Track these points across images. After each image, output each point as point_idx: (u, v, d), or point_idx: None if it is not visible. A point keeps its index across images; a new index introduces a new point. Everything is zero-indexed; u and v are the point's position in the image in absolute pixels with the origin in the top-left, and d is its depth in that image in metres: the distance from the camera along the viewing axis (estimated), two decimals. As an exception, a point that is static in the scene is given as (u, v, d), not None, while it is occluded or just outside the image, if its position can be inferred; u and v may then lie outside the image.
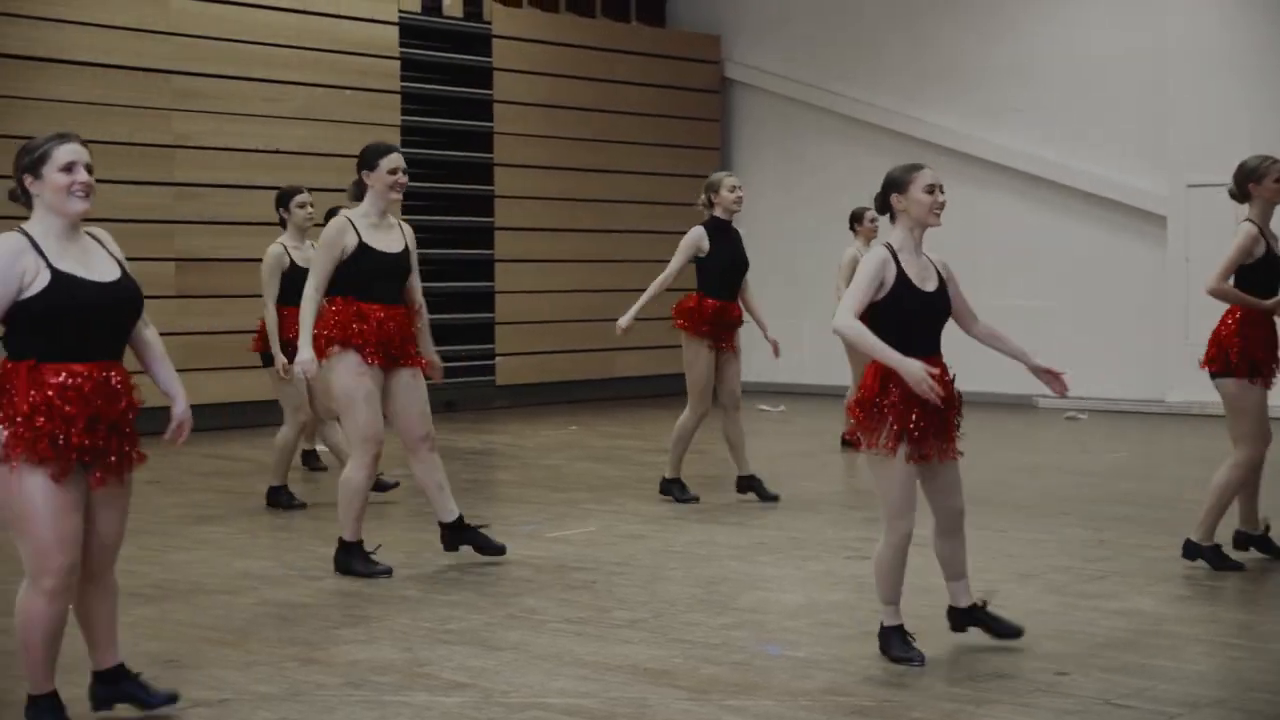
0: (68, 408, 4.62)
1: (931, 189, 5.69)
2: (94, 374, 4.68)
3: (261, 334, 9.44)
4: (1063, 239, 15.97)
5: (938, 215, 5.71)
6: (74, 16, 13.09)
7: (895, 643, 5.76)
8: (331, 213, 9.96)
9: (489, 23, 16.30)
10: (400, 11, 15.42)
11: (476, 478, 10.98)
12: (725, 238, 9.48)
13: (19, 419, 4.60)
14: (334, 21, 14.85)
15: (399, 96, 15.39)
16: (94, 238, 4.85)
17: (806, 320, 16.12)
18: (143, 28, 13.51)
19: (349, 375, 7.16)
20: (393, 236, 7.30)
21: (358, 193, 7.34)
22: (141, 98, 13.48)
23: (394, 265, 7.27)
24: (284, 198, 9.45)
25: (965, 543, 5.91)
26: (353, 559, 7.38)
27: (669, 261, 9.69)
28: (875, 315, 5.59)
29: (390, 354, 7.19)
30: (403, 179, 7.26)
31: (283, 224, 9.46)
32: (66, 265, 4.68)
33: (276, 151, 14.25)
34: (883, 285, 5.58)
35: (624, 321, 9.63)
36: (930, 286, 5.68)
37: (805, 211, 17.65)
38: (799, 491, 9.93)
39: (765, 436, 13.01)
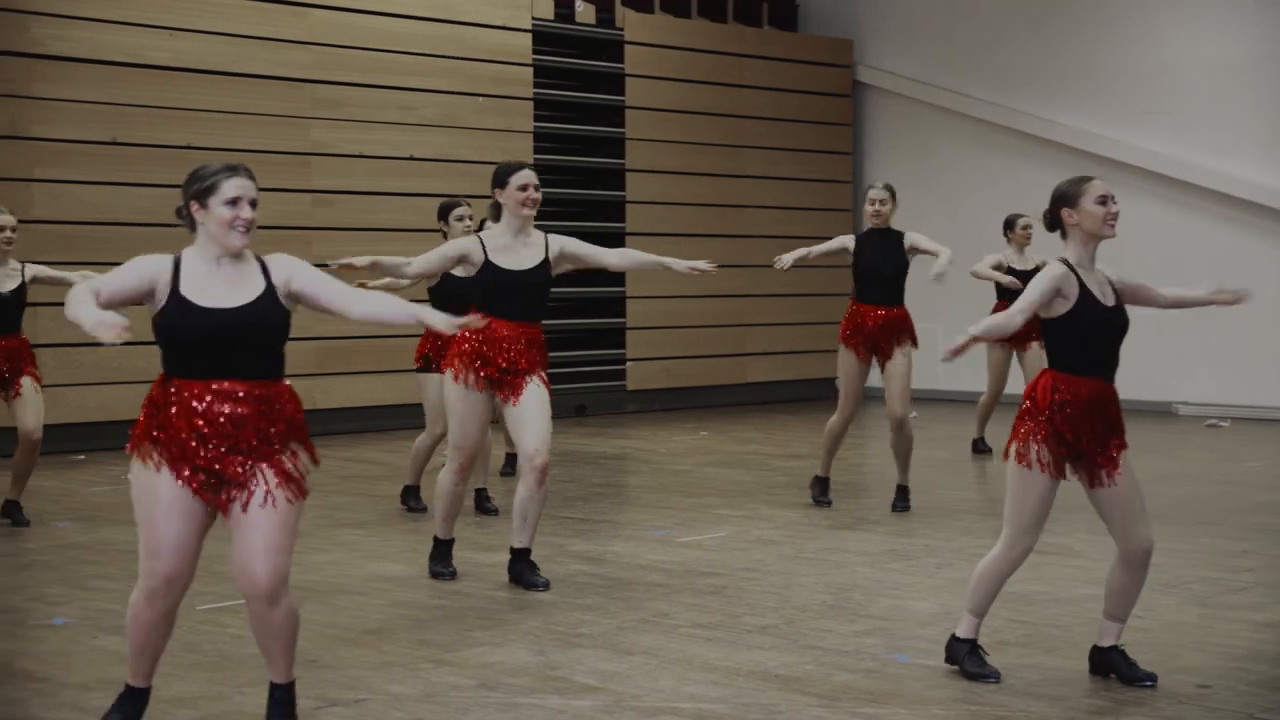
0: (187, 422, 4.68)
1: (1104, 199, 5.53)
2: (207, 390, 4.68)
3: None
4: (1202, 242, 15.66)
5: (1112, 226, 5.54)
6: (215, 27, 13.35)
7: (969, 658, 5.62)
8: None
9: (621, 29, 16.36)
10: (533, 19, 15.54)
11: (609, 481, 11.02)
12: (873, 244, 9.51)
13: (152, 423, 4.74)
14: (468, 29, 14.99)
15: (531, 103, 15.50)
16: (262, 263, 4.86)
17: (940, 324, 15.95)
18: (282, 38, 13.75)
19: (457, 386, 7.20)
20: (528, 254, 7.24)
21: (496, 213, 7.35)
22: (280, 106, 13.72)
23: (521, 282, 7.21)
24: (444, 210, 9.47)
25: (1143, 583, 5.57)
26: (433, 556, 7.59)
27: (801, 267, 9.79)
28: (1054, 332, 5.47)
29: (506, 373, 7.15)
30: (533, 195, 7.21)
31: (444, 236, 9.49)
32: (192, 290, 4.71)
33: (411, 159, 14.42)
34: (1064, 300, 5.44)
35: (787, 258, 9.61)
36: (1109, 302, 5.52)
37: (937, 215, 17.43)
38: (932, 498, 9.83)
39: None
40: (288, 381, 4.84)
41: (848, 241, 9.60)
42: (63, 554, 8.22)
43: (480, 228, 9.35)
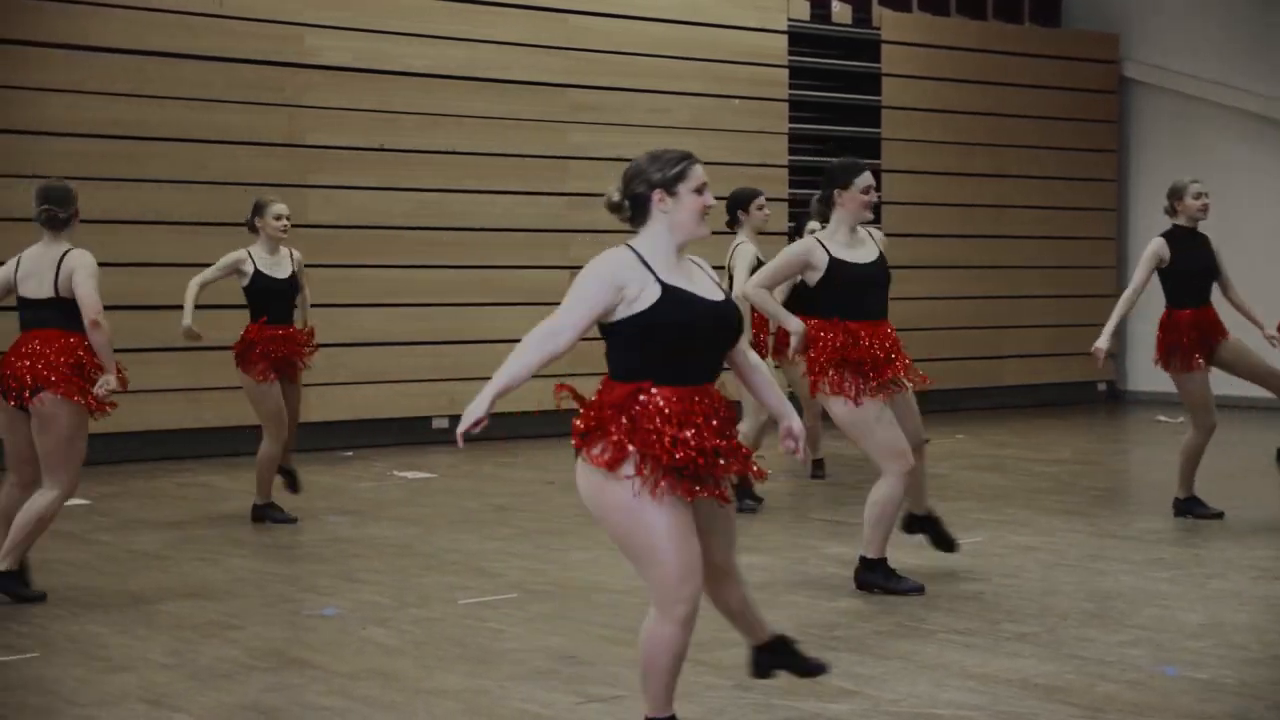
0: (676, 432, 4.37)
1: None
2: (694, 396, 4.44)
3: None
4: None
5: None
6: (477, 35, 13.68)
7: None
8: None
9: (878, 28, 16.23)
10: (789, 20, 15.53)
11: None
12: (1189, 245, 8.99)
13: (634, 446, 4.36)
14: (723, 32, 15.06)
15: (786, 105, 15.49)
16: (694, 262, 4.66)
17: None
18: (541, 43, 14.01)
19: (843, 402, 6.97)
20: (866, 249, 7.13)
21: (824, 211, 7.23)
22: (538, 111, 13.98)
23: (871, 278, 7.10)
24: (743, 200, 9.45)
25: None
26: (876, 575, 7.16)
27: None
28: None
29: (883, 371, 7.02)
30: (874, 197, 7.10)
31: (731, 228, 9.52)
32: (675, 280, 4.47)
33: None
34: None
35: (1101, 343, 8.79)
36: None
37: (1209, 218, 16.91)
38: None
39: (1164, 447, 12.50)
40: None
41: (1160, 249, 8.92)
42: (333, 548, 8.52)
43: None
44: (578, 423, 4.46)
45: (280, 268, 9.18)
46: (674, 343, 4.41)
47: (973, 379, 16.80)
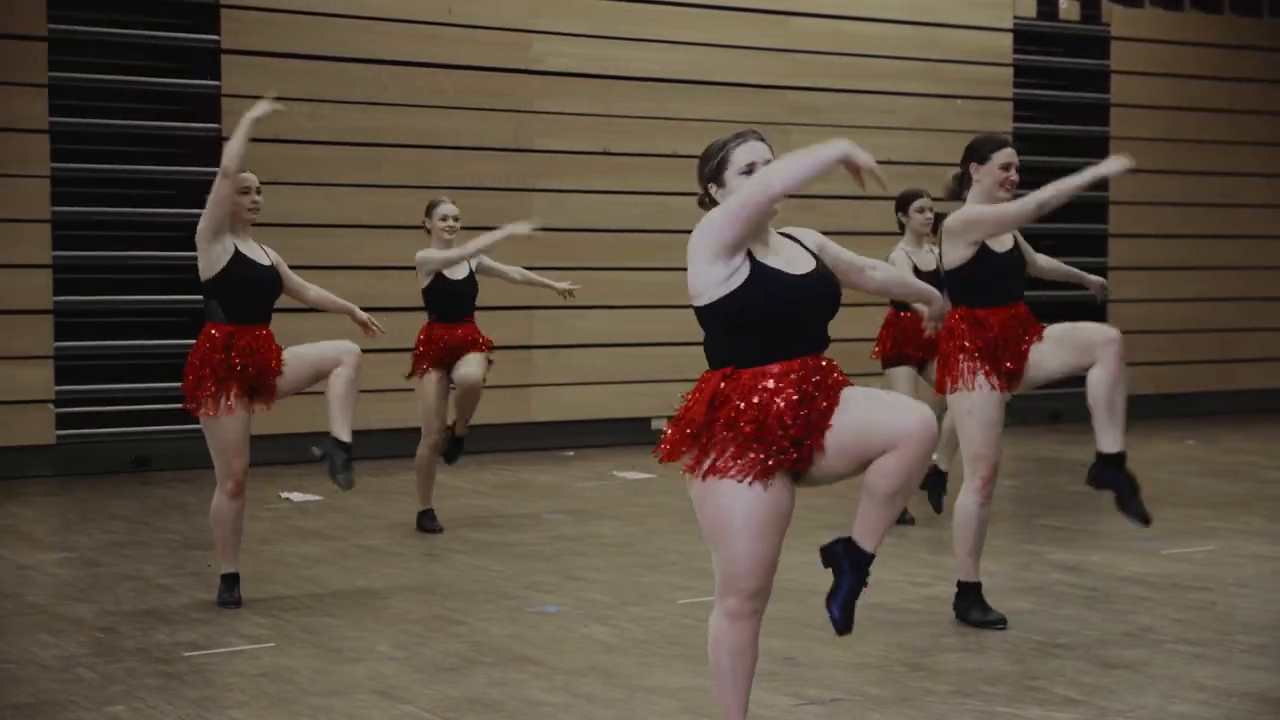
0: (775, 408, 4.30)
1: None
2: (799, 369, 4.34)
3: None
4: None
5: None
6: (700, 38, 13.75)
7: None
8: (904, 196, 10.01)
9: (1107, 24, 15.88)
10: (1015, 18, 15.28)
11: (1088, 489, 10.70)
12: None
13: (721, 426, 4.33)
14: (947, 31, 14.89)
15: (1010, 104, 15.25)
16: (790, 236, 4.64)
17: None
18: (762, 46, 14.03)
19: (967, 392, 6.64)
20: (1005, 235, 6.82)
21: (958, 189, 6.82)
22: (759, 113, 13.99)
23: (1009, 265, 6.80)
24: (904, 201, 9.47)
25: None
26: (970, 605, 6.73)
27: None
28: None
29: (1004, 363, 6.67)
30: (1013, 176, 6.75)
31: (901, 229, 9.51)
32: (765, 258, 4.44)
33: (888, 162, 14.43)
34: None
35: None
36: None
37: None
38: None
39: None
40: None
41: None
42: (554, 546, 8.66)
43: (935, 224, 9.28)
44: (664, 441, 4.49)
45: (457, 269, 9.18)
46: (766, 320, 4.34)
47: (1205, 383, 16.31)
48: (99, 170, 11.95)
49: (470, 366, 9.02)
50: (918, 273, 9.15)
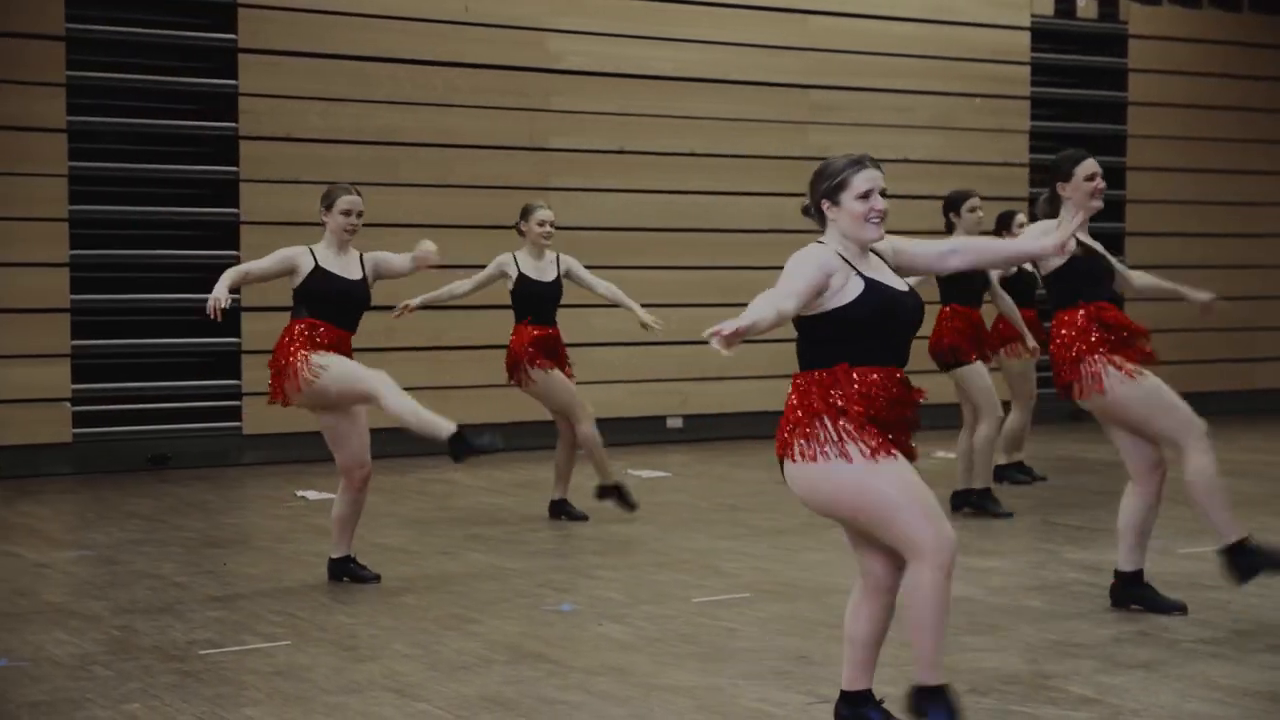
0: (877, 402, 4.63)
1: None
2: (891, 378, 4.68)
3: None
4: None
5: None
6: (717, 37, 13.76)
7: None
8: (1004, 216, 10.22)
9: (1125, 23, 15.85)
10: (1033, 16, 15.26)
11: (1105, 489, 10.68)
12: None
13: (841, 420, 4.60)
14: (965, 30, 14.88)
15: (1028, 102, 15.23)
16: (877, 254, 4.85)
17: None
18: (781, 44, 14.03)
19: (1123, 381, 6.81)
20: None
21: (1051, 210, 6.91)
22: (778, 112, 13.99)
23: (1106, 269, 6.91)
24: (955, 202, 9.45)
25: None
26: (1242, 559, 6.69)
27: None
28: None
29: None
30: (1100, 184, 6.80)
31: (949, 229, 9.47)
32: (872, 274, 4.73)
33: (906, 161, 14.42)
34: None
35: None
36: None
37: None
38: None
39: None
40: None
41: None
42: (569, 544, 8.67)
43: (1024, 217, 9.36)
44: (783, 434, 4.71)
45: (544, 272, 9.30)
46: (876, 332, 4.66)
47: (1221, 382, 16.27)
48: (116, 169, 12.00)
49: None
50: (961, 274, 9.25)
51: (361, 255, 7.77)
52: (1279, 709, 5.26)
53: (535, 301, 9.24)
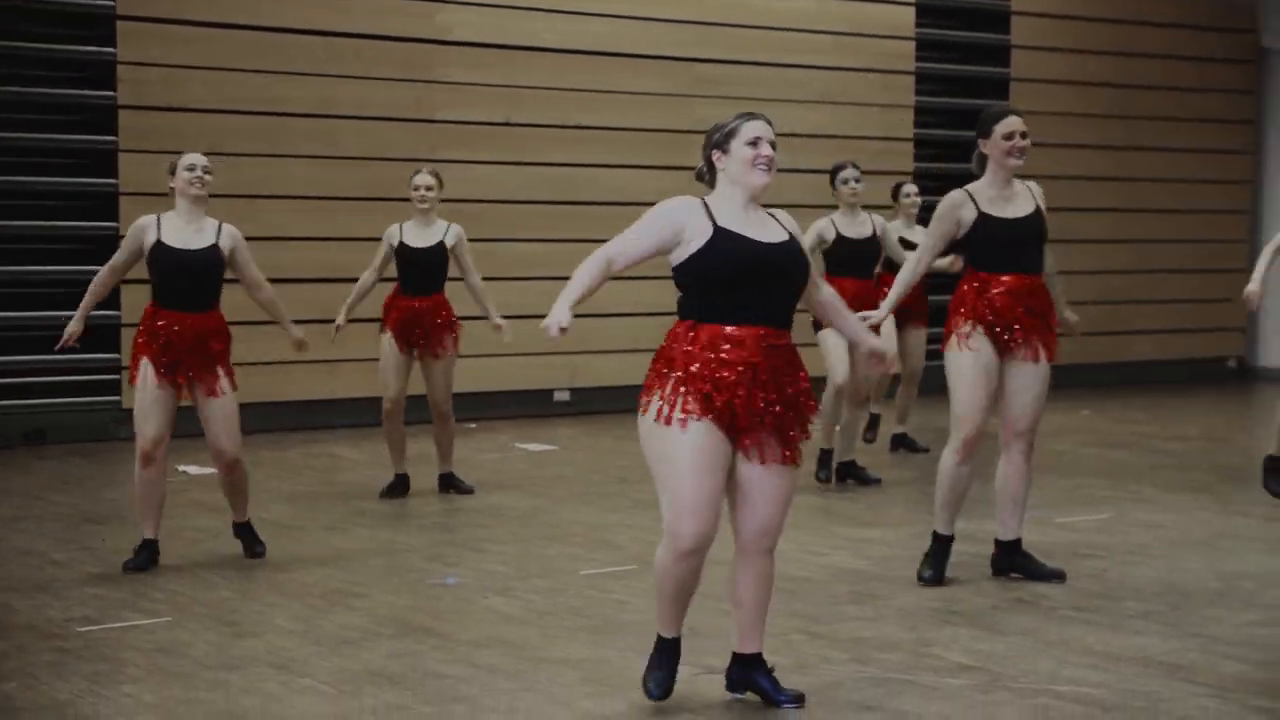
0: (722, 371, 4.68)
1: None
2: (753, 335, 4.71)
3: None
4: None
5: None
6: (606, 10, 13.71)
7: None
8: (895, 187, 10.27)
9: (1007, 0, 16.03)
10: (917, -9, 15.40)
11: (984, 460, 10.85)
12: None
13: (676, 374, 4.70)
14: (851, 5, 14.96)
15: (913, 78, 15.36)
16: (772, 216, 4.94)
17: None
18: (669, 18, 14.02)
19: (957, 347, 6.71)
20: (1017, 204, 6.93)
21: (979, 167, 6.97)
22: (664, 85, 13.99)
23: (1014, 231, 6.84)
24: (831, 174, 9.58)
25: None
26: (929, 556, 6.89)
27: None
28: None
29: (1000, 333, 6.70)
30: (1019, 143, 6.86)
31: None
32: (734, 226, 4.80)
33: (793, 135, 14.49)
34: None
35: (1253, 286, 8.22)
36: None
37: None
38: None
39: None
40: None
41: None
42: (456, 518, 8.65)
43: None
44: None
45: (426, 238, 9.14)
46: (726, 285, 4.71)
47: (1101, 354, 16.56)
48: (-9, 138, 11.74)
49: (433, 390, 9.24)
50: (845, 242, 9.30)
51: (221, 226, 7.42)
52: (1151, 673, 5.38)
53: (409, 268, 9.12)
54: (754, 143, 4.89)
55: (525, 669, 5.50)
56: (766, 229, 4.85)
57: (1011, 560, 6.92)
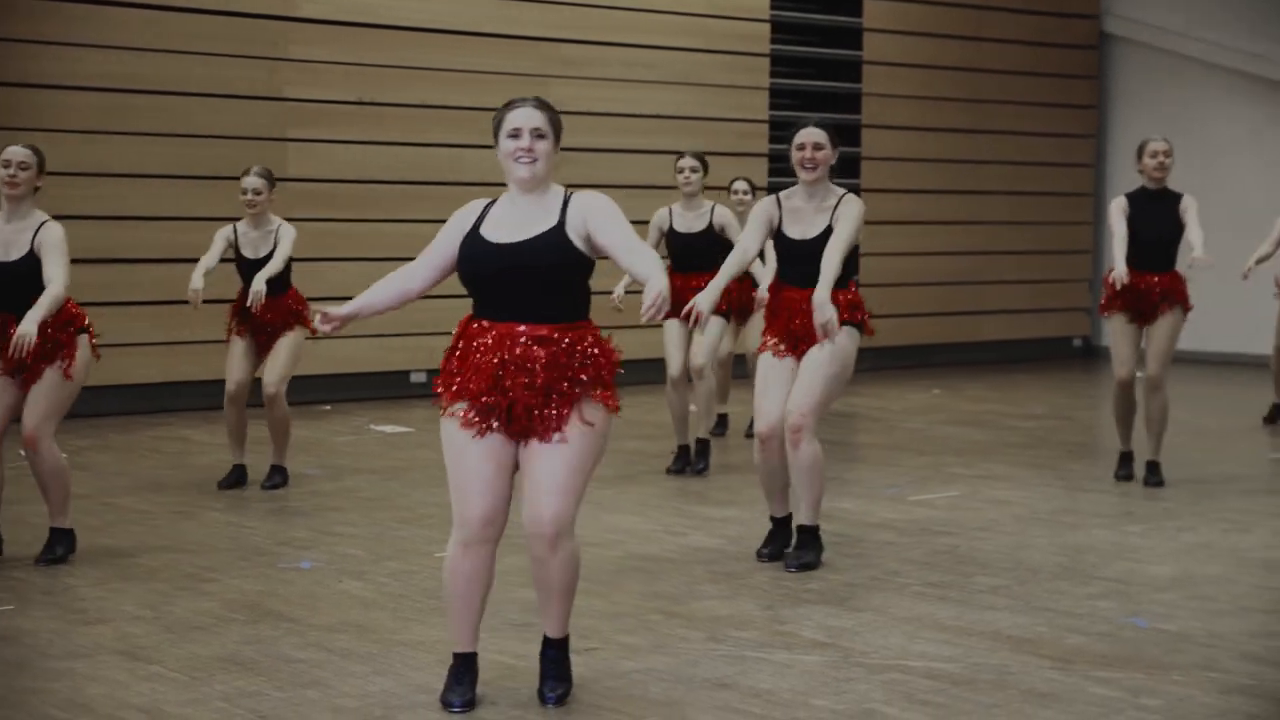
0: (474, 359, 4.73)
1: None
2: (499, 331, 4.69)
3: None
4: None
5: None
6: (457, -12, 13.61)
7: None
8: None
9: (860, -17, 16.20)
10: (771, -27, 15.48)
11: (840, 439, 10.98)
12: (1146, 208, 8.75)
13: (449, 367, 4.79)
14: (706, -14, 15.01)
15: (768, 59, 15.46)
16: (565, 205, 4.78)
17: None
18: (521, -3, 13.96)
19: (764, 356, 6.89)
20: (812, 222, 6.78)
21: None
22: (522, 65, 13.92)
23: (802, 249, 6.75)
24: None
25: None
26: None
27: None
28: None
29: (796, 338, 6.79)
30: (808, 155, 6.69)
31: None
32: (490, 227, 4.76)
33: (649, 116, 14.51)
34: None
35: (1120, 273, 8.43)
36: None
37: (1189, 173, 16.89)
38: (1181, 462, 9.48)
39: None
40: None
41: (1121, 207, 8.75)
42: (311, 501, 8.54)
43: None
44: None
45: (259, 248, 8.72)
46: (476, 285, 4.77)
47: (951, 334, 16.85)
48: None
49: (268, 373, 8.83)
50: (676, 236, 9.37)
51: (43, 226, 6.83)
52: (999, 647, 5.48)
53: (250, 276, 8.66)
54: (514, 134, 4.75)
55: (379, 652, 5.46)
56: (531, 224, 4.71)
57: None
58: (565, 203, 4.78)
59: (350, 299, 5.06)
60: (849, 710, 4.78)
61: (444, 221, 5.01)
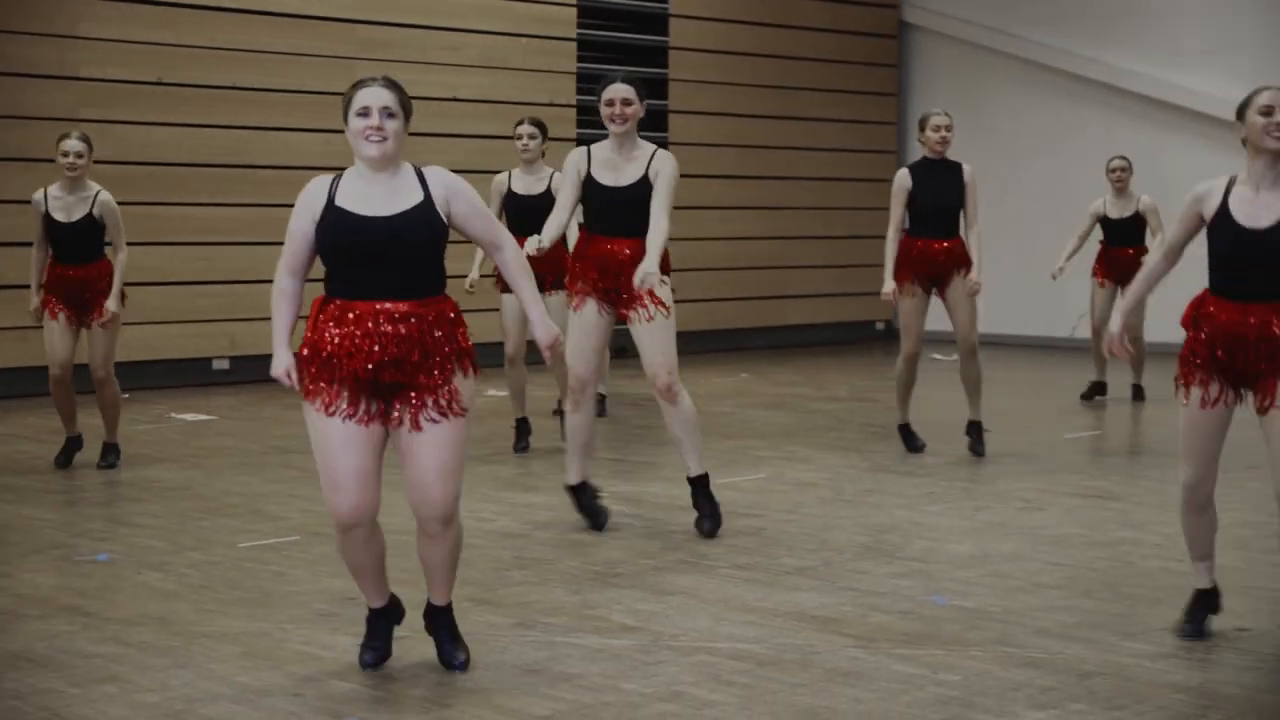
0: (335, 344, 4.65)
1: (1267, 110, 5.33)
2: (368, 311, 4.64)
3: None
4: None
5: (1274, 138, 5.30)
6: (259, -33, 13.35)
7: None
8: None
9: (665, -31, 16.28)
10: (578, -42, 15.48)
11: (648, 423, 11.03)
12: (930, 177, 9.13)
13: (303, 353, 4.70)
14: (512, -31, 14.95)
15: (575, 44, 15.46)
16: (420, 175, 4.77)
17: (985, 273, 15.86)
18: (326, -23, 13.75)
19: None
20: (629, 170, 6.96)
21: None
22: (326, 47, 13.72)
23: (619, 197, 6.95)
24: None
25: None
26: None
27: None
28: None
29: (609, 289, 7.04)
30: (617, 110, 6.86)
31: None
32: (348, 200, 4.69)
33: (455, 100, 14.41)
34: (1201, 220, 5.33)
35: (886, 288, 9.08)
36: (1265, 223, 5.18)
37: (984, 157, 17.29)
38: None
39: (937, 385, 12.86)
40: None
41: (903, 180, 9.14)
42: (108, 491, 8.33)
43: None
44: None
45: (72, 211, 8.65)
46: (337, 259, 4.70)
47: (758, 319, 17.06)
48: None
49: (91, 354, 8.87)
50: (515, 198, 9.42)
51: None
52: (805, 627, 5.56)
53: (60, 242, 8.68)
54: (363, 113, 4.69)
55: (180, 645, 5.34)
56: (395, 199, 4.69)
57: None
58: (421, 177, 4.78)
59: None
60: (658, 693, 4.81)
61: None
